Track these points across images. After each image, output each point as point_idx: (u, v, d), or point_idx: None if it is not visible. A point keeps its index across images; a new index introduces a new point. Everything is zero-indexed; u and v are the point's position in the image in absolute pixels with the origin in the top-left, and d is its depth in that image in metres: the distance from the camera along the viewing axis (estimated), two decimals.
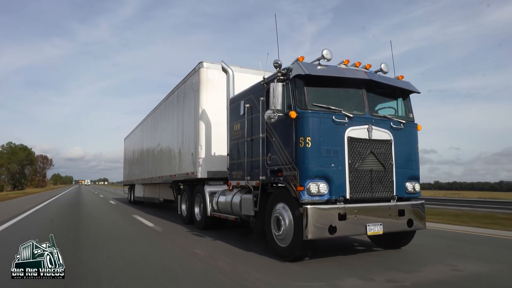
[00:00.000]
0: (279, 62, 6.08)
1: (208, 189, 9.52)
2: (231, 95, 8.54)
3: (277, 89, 5.78)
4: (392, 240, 6.80)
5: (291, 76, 5.87)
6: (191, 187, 10.86)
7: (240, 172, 7.56)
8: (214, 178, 9.69)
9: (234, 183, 7.92)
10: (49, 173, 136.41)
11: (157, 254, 6.56)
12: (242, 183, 7.44)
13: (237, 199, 7.72)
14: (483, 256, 6.47)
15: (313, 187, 5.51)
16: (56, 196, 33.20)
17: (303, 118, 5.63)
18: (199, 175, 9.65)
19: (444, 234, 9.16)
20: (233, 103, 8.11)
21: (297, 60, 5.99)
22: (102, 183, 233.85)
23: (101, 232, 9.62)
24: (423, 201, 6.63)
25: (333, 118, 5.75)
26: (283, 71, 6.05)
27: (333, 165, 5.67)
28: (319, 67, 5.99)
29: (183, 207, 11.54)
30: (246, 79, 9.21)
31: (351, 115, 5.90)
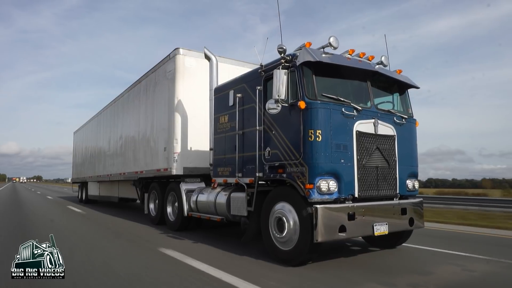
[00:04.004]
0: (284, 47, 5.50)
1: (184, 186, 8.73)
2: (215, 85, 7.84)
3: (281, 76, 5.23)
4: (389, 240, 6.55)
5: (298, 63, 5.35)
6: (162, 184, 9.96)
7: (228, 168, 6.91)
8: (190, 175, 8.93)
9: (220, 180, 7.23)
10: None
11: (142, 267, 5.70)
12: (231, 180, 6.80)
13: (222, 198, 7.04)
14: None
15: (323, 184, 5.04)
16: None
17: (313, 109, 5.13)
18: (174, 172, 8.82)
19: None
20: (219, 93, 7.42)
21: (304, 46, 5.48)
22: (34, 180, 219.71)
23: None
24: (422, 199, 6.46)
25: (343, 110, 5.33)
26: (288, 58, 5.51)
27: (342, 161, 5.25)
28: (324, 55, 5.53)
29: (151, 206, 10.59)
30: (223, 69, 8.55)
31: (360, 108, 5.52)
